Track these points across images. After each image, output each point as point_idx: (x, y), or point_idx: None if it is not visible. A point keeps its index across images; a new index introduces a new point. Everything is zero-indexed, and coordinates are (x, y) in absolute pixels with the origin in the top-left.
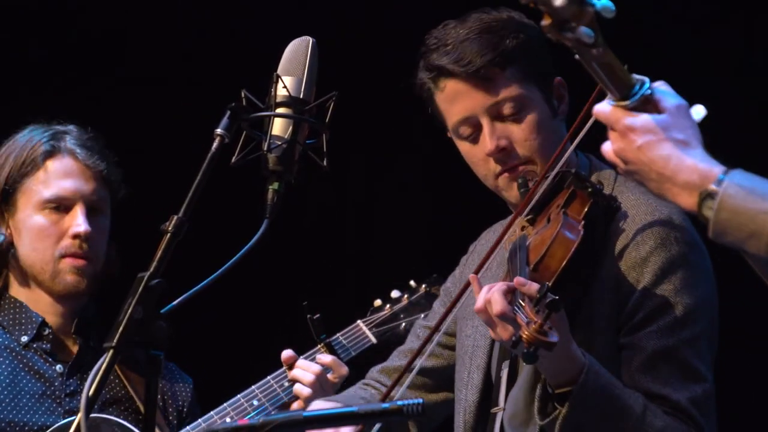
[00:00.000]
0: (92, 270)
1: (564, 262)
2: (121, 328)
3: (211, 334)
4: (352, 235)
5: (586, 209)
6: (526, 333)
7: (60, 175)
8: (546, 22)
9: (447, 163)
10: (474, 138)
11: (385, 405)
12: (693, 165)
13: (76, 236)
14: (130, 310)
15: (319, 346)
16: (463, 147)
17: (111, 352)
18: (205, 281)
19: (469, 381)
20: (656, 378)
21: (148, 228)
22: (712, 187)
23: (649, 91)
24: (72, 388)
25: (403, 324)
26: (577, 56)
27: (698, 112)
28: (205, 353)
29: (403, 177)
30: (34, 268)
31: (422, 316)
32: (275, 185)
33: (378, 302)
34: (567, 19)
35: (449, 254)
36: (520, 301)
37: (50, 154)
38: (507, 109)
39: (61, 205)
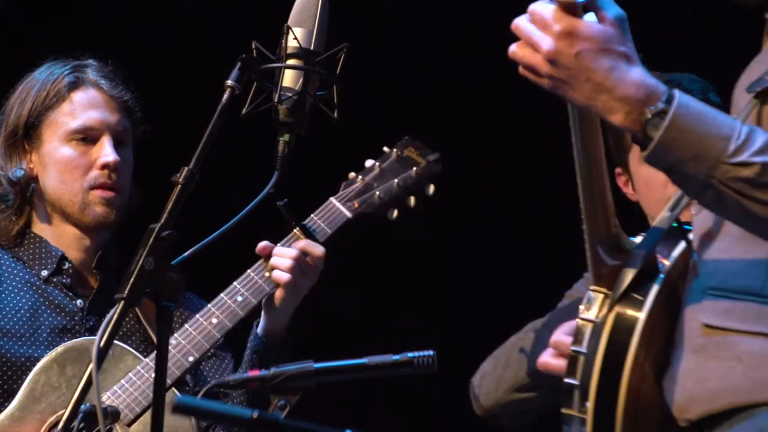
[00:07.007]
0: (120, 202)
1: None
2: (132, 279)
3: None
4: None
5: None
6: None
7: (86, 106)
8: None
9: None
10: None
11: (396, 357)
12: (638, 80)
13: (104, 166)
14: (141, 261)
15: (294, 230)
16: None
17: (122, 303)
18: (216, 233)
19: None
20: None
21: (159, 180)
22: (661, 105)
23: None
24: (92, 323)
25: (377, 192)
26: None
27: None
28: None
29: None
30: (62, 200)
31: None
32: (286, 137)
33: (352, 175)
34: None
35: None
36: None
37: (75, 85)
38: None
39: (88, 137)
